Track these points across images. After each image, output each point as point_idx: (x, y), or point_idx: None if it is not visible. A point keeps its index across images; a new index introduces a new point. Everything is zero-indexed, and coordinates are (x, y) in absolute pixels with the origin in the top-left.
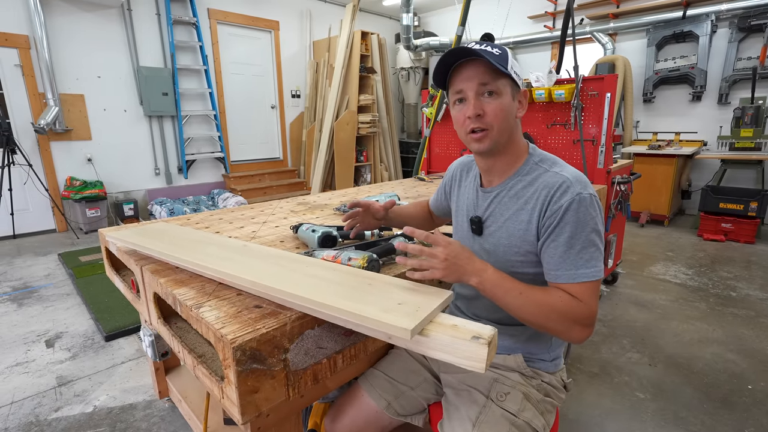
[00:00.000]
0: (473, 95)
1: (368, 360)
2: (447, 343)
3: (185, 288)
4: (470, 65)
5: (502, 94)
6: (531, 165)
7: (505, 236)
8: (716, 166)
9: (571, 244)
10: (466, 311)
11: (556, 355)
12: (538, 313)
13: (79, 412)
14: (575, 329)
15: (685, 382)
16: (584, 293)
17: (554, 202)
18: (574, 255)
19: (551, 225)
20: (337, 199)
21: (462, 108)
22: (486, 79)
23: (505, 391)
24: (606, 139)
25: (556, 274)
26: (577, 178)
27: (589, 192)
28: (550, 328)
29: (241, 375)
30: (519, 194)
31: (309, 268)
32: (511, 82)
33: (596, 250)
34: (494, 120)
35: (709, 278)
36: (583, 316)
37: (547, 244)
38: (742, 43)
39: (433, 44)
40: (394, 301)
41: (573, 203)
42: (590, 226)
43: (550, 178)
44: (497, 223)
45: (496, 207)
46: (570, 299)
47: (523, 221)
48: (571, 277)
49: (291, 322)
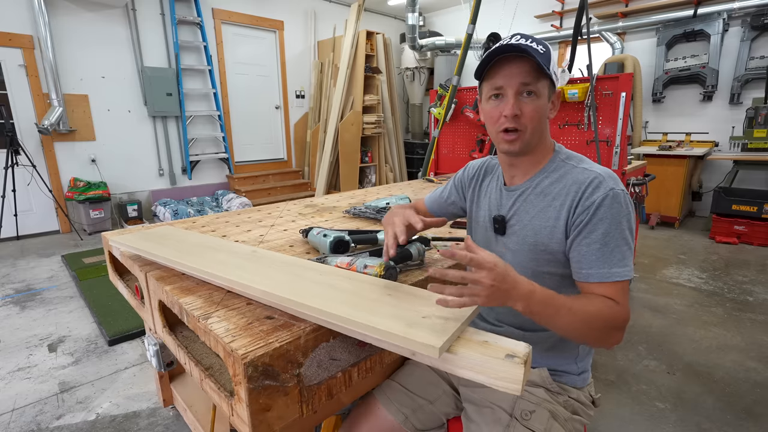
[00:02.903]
0: (513, 93)
1: (384, 372)
2: (477, 361)
3: (192, 296)
4: (514, 62)
5: (540, 95)
6: (558, 162)
7: (531, 234)
8: (728, 167)
9: (606, 241)
10: (487, 316)
11: (583, 368)
12: (587, 327)
13: (81, 420)
14: (614, 335)
15: (706, 391)
16: (619, 294)
17: (586, 198)
18: (608, 253)
19: (583, 221)
20: (345, 202)
21: (498, 104)
22: (529, 78)
23: (530, 409)
24: (621, 140)
25: (588, 273)
26: (609, 174)
27: (621, 188)
28: (591, 337)
29: (253, 393)
30: (546, 191)
31: (323, 277)
32: (550, 83)
33: (628, 249)
34: (529, 122)
35: (724, 282)
36: (622, 319)
37: (579, 242)
38: (755, 42)
39: (439, 44)
40: (417, 314)
41: (606, 198)
42: (624, 224)
43: (580, 174)
44: (522, 221)
45: (522, 205)
46: (612, 304)
47: (550, 218)
48: (605, 276)
49: (305, 335)
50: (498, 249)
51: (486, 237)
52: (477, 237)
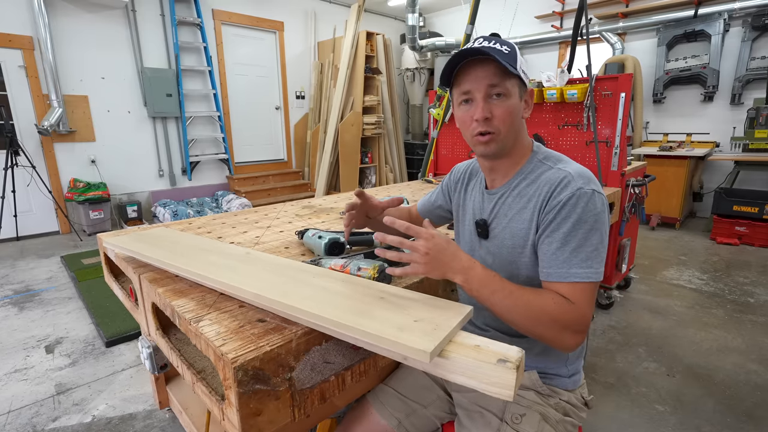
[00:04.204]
0: (481, 97)
1: (378, 376)
2: (469, 366)
3: (184, 299)
4: (479, 65)
5: (510, 95)
6: (535, 163)
7: (508, 237)
8: (729, 167)
9: (566, 240)
10: (475, 320)
11: (574, 370)
12: (527, 316)
13: (77, 422)
14: (566, 335)
15: (706, 393)
16: (576, 295)
17: (554, 197)
18: (568, 252)
19: (548, 220)
20: (343, 203)
21: (468, 109)
22: (495, 80)
23: (521, 412)
24: (620, 141)
25: (548, 272)
26: (580, 173)
27: (591, 188)
28: (540, 333)
29: (243, 397)
30: (522, 193)
31: (316, 279)
32: (520, 82)
33: (594, 250)
34: (502, 123)
35: (724, 283)
36: (574, 320)
37: (542, 240)
38: (756, 42)
39: (439, 45)
40: (409, 318)
41: (572, 198)
42: (589, 224)
43: (553, 174)
44: (502, 224)
45: (501, 208)
46: (563, 302)
47: (525, 220)
48: (563, 276)
49: (297, 338)
50: (481, 253)
51: (471, 241)
52: (463, 241)
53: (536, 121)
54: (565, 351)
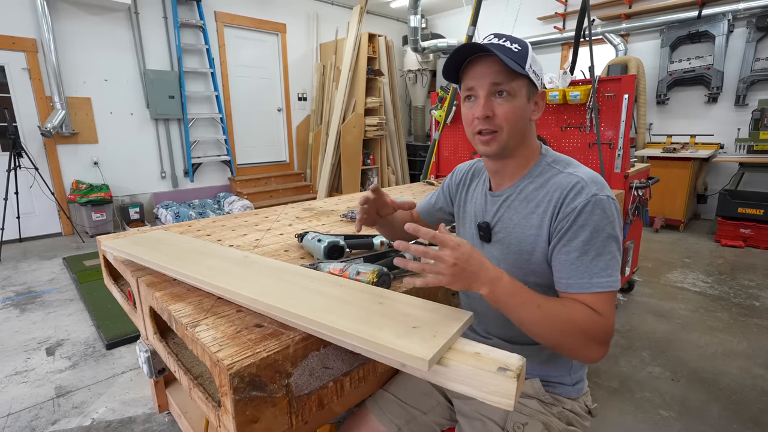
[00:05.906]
0: (484, 95)
1: (378, 381)
2: (469, 374)
3: (182, 303)
4: (484, 61)
5: (515, 95)
6: (543, 166)
7: (515, 243)
8: (733, 169)
9: (585, 249)
10: (477, 327)
11: (578, 378)
12: (555, 329)
13: (76, 426)
14: (592, 347)
15: (712, 399)
16: (600, 305)
17: (567, 204)
18: (588, 262)
19: (563, 228)
20: (344, 205)
21: (471, 106)
22: (499, 78)
23: (523, 421)
24: (624, 142)
25: (567, 283)
26: (593, 178)
27: (606, 194)
28: (566, 345)
29: (239, 404)
30: (530, 197)
31: (314, 284)
32: (529, 82)
33: (612, 258)
34: (504, 122)
35: (729, 286)
36: (603, 331)
37: (558, 250)
38: (761, 43)
39: (441, 46)
40: (408, 324)
41: (588, 205)
42: (606, 231)
43: (564, 179)
44: (507, 228)
45: (506, 211)
46: (591, 313)
47: (533, 226)
48: (585, 287)
49: (294, 344)
50: None
51: (472, 244)
52: None
53: (538, 122)
54: (589, 363)
